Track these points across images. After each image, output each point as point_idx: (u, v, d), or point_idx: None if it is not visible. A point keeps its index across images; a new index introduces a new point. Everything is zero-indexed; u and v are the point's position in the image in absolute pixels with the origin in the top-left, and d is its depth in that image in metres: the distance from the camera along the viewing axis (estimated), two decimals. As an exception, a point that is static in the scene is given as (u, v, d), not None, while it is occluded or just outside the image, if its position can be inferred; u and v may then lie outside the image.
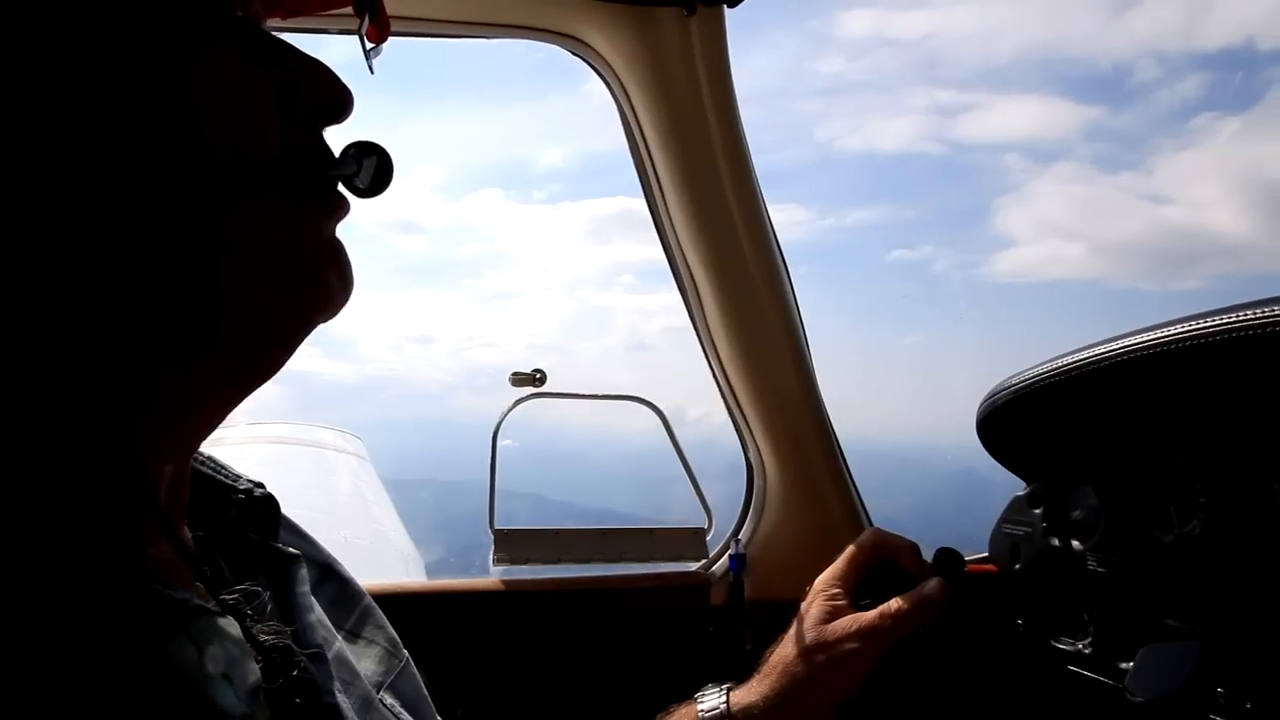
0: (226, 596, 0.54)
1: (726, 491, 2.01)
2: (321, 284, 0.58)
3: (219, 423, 0.60)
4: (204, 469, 0.70)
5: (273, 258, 0.55)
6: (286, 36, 0.63)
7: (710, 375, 1.83)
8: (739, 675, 1.21)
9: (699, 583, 1.85)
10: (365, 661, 0.78)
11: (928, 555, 1.28)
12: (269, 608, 0.61)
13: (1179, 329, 1.21)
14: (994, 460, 1.65)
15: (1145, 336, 1.26)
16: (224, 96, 0.53)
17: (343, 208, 0.61)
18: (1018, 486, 1.68)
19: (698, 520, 1.94)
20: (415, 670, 0.85)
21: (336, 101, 0.60)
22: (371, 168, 0.61)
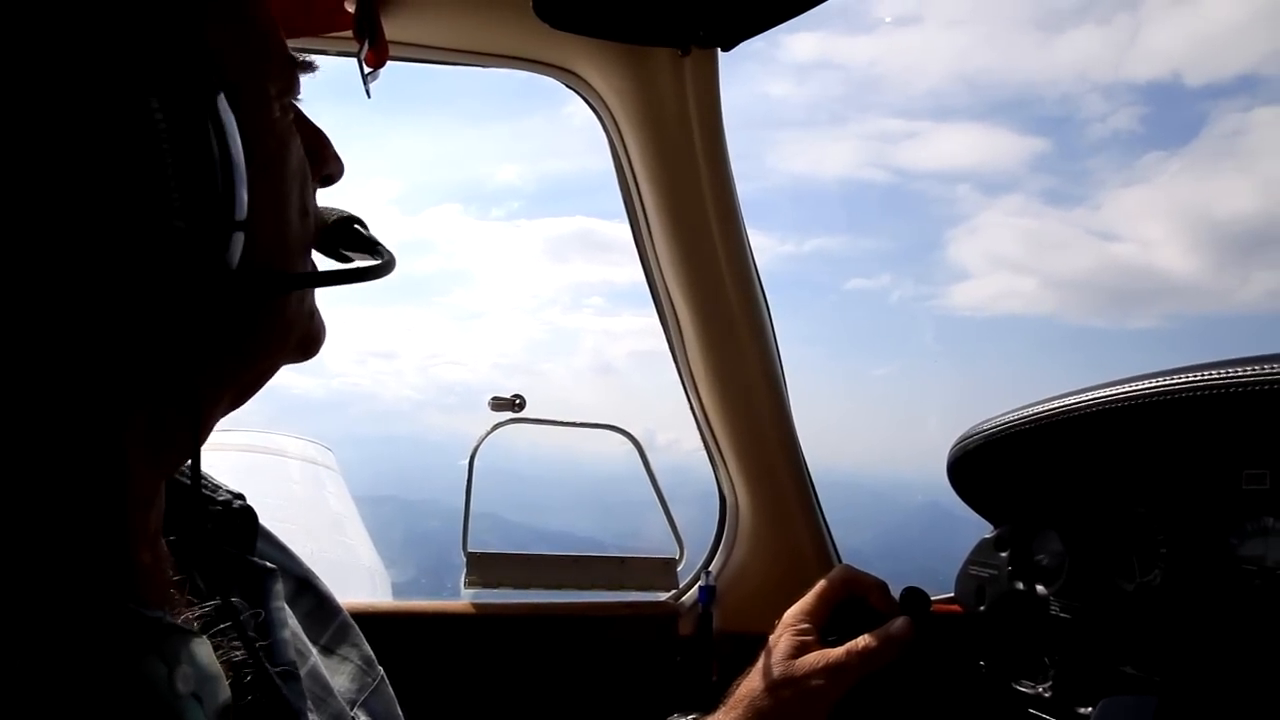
0: (199, 613, 0.55)
1: (691, 518, 2.01)
2: (312, 331, 0.63)
3: (203, 440, 0.60)
4: (182, 479, 0.70)
5: (291, 302, 0.59)
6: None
7: (680, 402, 1.85)
8: (705, 706, 1.22)
9: (668, 613, 1.86)
10: (339, 678, 0.77)
11: (895, 592, 1.30)
12: (242, 623, 0.61)
13: (1145, 385, 1.24)
14: (951, 485, 1.68)
15: (1113, 390, 1.29)
16: (284, 154, 0.58)
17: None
18: (984, 524, 1.70)
19: (659, 548, 1.95)
20: (389, 689, 0.85)
21: (335, 173, 0.67)
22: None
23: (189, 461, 0.70)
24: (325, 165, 0.65)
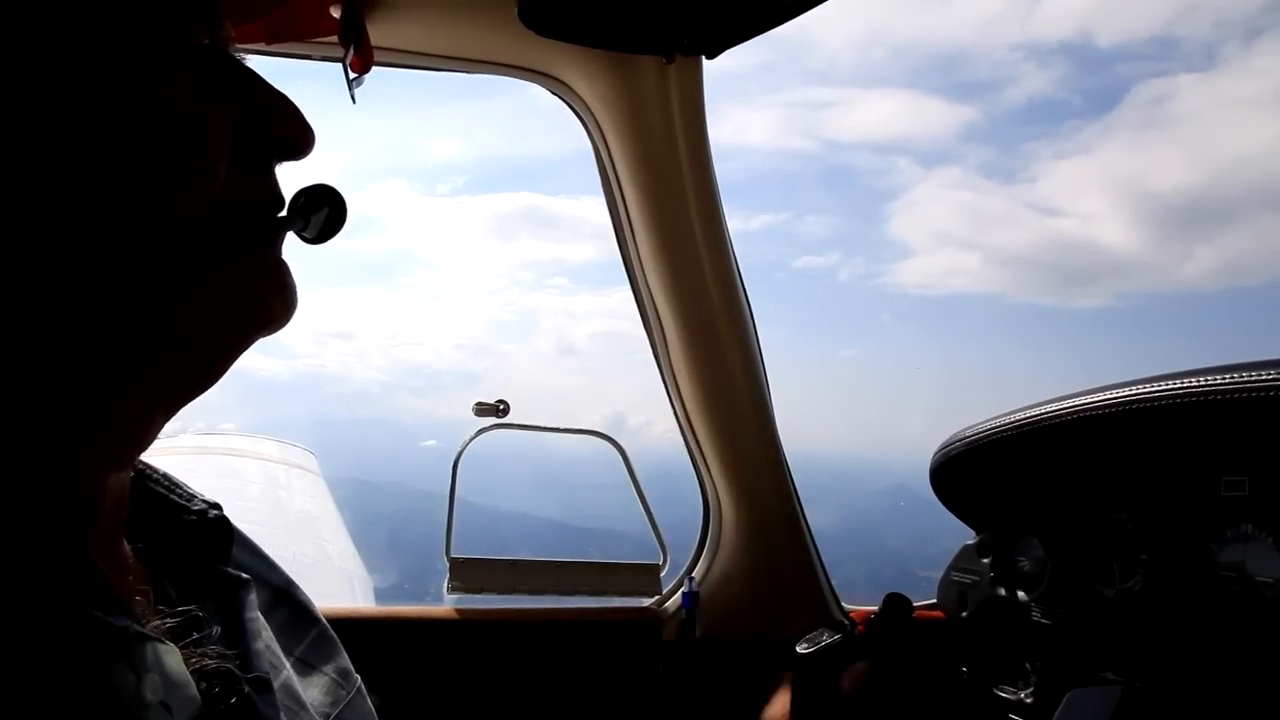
0: (169, 621, 0.54)
1: (658, 499, 1.99)
2: (263, 306, 0.58)
3: (157, 432, 0.59)
4: (157, 487, 0.69)
5: (215, 286, 0.55)
6: (271, 62, 0.62)
7: (649, 384, 1.85)
8: (687, 713, 1.22)
9: (652, 618, 1.85)
10: (313, 691, 0.76)
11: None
12: (213, 632, 0.59)
13: (1127, 392, 1.25)
14: (933, 492, 1.69)
15: (1095, 397, 1.30)
16: (176, 126, 0.52)
17: (282, 237, 0.60)
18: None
19: (626, 529, 1.95)
20: (366, 700, 0.83)
21: (294, 140, 0.59)
22: (321, 220, 0.61)
23: (155, 462, 0.69)
24: (272, 129, 0.58)
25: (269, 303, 0.58)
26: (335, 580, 4.69)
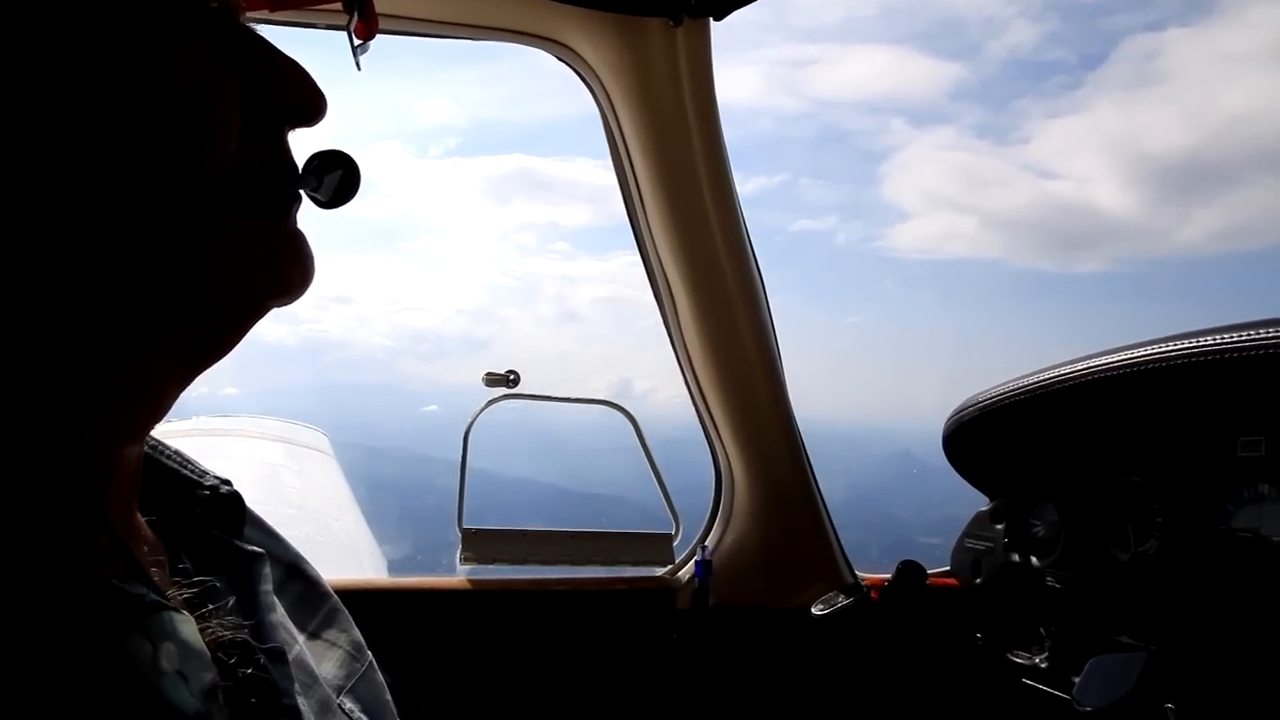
0: (185, 592, 0.54)
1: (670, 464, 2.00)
2: (280, 275, 0.58)
3: (171, 403, 0.58)
4: (169, 463, 0.69)
5: (230, 256, 0.54)
6: (272, 30, 0.61)
7: (653, 350, 1.84)
8: (700, 682, 1.22)
9: (665, 587, 1.86)
10: (326, 664, 0.76)
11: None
12: (229, 604, 0.59)
13: (1141, 352, 1.24)
14: (947, 459, 1.69)
15: (1109, 358, 1.29)
16: (189, 93, 0.51)
17: (297, 206, 0.60)
18: (955, 478, 1.71)
19: (633, 498, 1.95)
20: (378, 674, 0.83)
21: (307, 106, 0.59)
22: (335, 182, 0.61)
23: (168, 442, 0.69)
24: (283, 95, 0.57)
25: (286, 272, 0.58)
26: (350, 560, 4.72)
